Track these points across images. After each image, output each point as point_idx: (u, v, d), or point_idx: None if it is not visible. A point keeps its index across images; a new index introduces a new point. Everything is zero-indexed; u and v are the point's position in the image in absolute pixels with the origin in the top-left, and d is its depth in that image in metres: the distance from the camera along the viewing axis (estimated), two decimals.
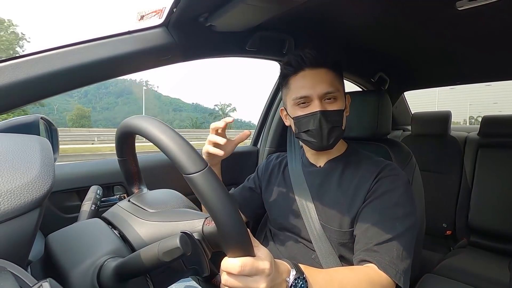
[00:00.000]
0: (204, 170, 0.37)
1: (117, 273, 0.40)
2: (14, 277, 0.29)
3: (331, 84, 0.76)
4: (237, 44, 0.96)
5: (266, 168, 0.98)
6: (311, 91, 0.75)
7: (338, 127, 0.77)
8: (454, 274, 1.20)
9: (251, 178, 1.03)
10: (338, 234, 0.75)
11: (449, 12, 0.87)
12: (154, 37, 0.78)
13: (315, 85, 0.75)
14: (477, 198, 1.63)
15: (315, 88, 0.75)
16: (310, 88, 0.75)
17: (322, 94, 0.75)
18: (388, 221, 0.68)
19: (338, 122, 0.77)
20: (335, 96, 0.76)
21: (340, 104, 0.77)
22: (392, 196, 0.71)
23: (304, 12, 0.91)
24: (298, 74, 0.78)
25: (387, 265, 0.62)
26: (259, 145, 1.49)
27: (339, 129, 0.78)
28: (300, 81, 0.77)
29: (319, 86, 0.75)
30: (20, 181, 0.36)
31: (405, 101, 2.26)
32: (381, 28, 1.05)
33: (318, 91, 0.75)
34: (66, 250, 0.45)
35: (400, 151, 1.01)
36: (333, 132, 0.76)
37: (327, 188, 0.81)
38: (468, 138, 1.79)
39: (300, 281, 0.48)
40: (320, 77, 0.76)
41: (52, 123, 0.74)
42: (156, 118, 0.43)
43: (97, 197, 0.60)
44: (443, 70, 1.60)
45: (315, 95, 0.75)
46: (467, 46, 1.17)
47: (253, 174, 1.04)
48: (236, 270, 0.40)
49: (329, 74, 0.77)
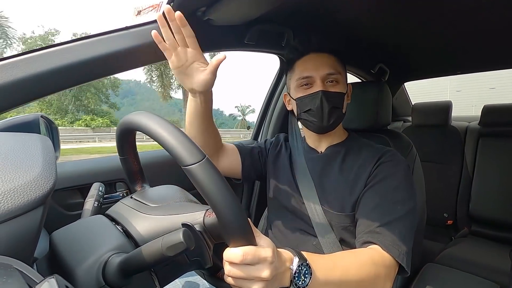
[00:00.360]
0: (202, 161, 0.37)
1: (121, 269, 0.41)
2: (21, 274, 0.30)
3: (333, 67, 0.80)
4: (236, 38, 0.95)
5: (275, 146, 0.98)
6: (314, 73, 0.79)
7: (339, 108, 0.80)
8: (456, 263, 1.21)
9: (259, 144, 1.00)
10: (340, 218, 0.76)
11: (449, 2, 0.86)
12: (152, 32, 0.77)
13: (318, 67, 0.79)
14: (478, 188, 1.64)
15: (318, 69, 0.79)
16: (313, 70, 0.79)
17: (324, 75, 0.79)
18: (390, 204, 0.69)
19: (339, 104, 0.80)
20: (337, 78, 0.80)
21: (341, 87, 0.81)
22: (393, 180, 0.73)
23: (303, 4, 0.90)
24: (302, 58, 0.82)
25: (390, 245, 0.63)
26: (260, 139, 1.49)
27: (339, 111, 0.80)
28: (304, 63, 0.81)
29: (321, 68, 0.79)
30: (23, 179, 0.36)
31: (406, 92, 2.25)
32: (380, 19, 1.04)
33: (321, 73, 0.79)
34: (70, 247, 0.45)
35: (400, 141, 1.02)
36: (333, 112, 0.79)
37: (329, 173, 0.82)
38: (468, 127, 1.78)
39: (304, 267, 0.49)
40: (323, 60, 0.80)
41: (53, 121, 0.74)
42: (153, 113, 0.43)
43: (100, 194, 0.60)
44: (443, 61, 1.59)
45: (317, 76, 0.79)
46: (468, 35, 1.16)
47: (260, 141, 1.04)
48: (238, 259, 0.41)
49: (331, 58, 0.81)
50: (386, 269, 0.62)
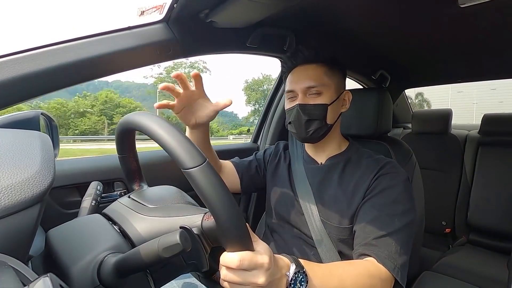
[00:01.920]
0: (203, 165, 0.37)
1: (117, 269, 0.40)
2: (15, 271, 0.29)
3: (317, 79, 0.79)
4: (238, 41, 0.96)
5: (274, 156, 0.98)
6: (295, 86, 0.81)
7: (318, 120, 0.80)
8: (453, 272, 1.20)
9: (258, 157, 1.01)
10: (338, 230, 0.76)
11: (451, 9, 0.86)
12: (154, 32, 0.77)
13: (299, 80, 0.81)
14: (476, 196, 1.63)
15: (298, 83, 0.80)
16: (295, 83, 0.81)
17: (304, 88, 0.80)
18: (387, 216, 0.69)
19: (316, 116, 0.79)
20: (319, 90, 0.79)
21: (324, 99, 0.80)
22: (392, 193, 0.72)
23: (306, 9, 0.91)
24: (292, 71, 0.84)
25: (386, 258, 0.63)
26: (259, 142, 1.49)
27: (319, 122, 0.80)
28: (291, 76, 0.84)
29: (302, 82, 0.80)
30: (21, 176, 0.36)
31: (406, 98, 2.26)
32: (382, 25, 1.04)
33: (301, 85, 0.80)
34: (66, 245, 0.45)
35: (400, 149, 1.01)
36: (311, 124, 0.80)
37: (328, 185, 0.81)
38: (468, 136, 1.78)
39: (300, 275, 0.48)
40: (306, 73, 0.81)
41: (53, 119, 0.74)
42: (155, 114, 0.43)
43: (98, 193, 0.60)
44: (444, 68, 1.59)
45: (298, 89, 0.80)
46: (468, 44, 1.17)
47: (259, 152, 1.03)
48: (235, 264, 0.40)
49: (318, 69, 0.80)
50: (382, 282, 0.61)
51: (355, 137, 0.99)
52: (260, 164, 0.98)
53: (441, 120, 1.82)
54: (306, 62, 0.82)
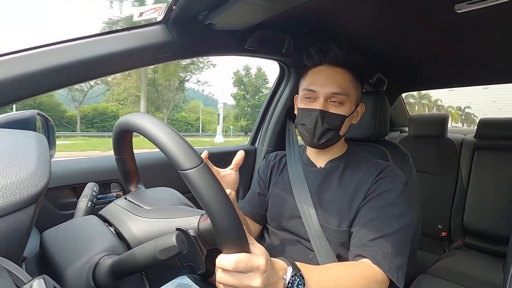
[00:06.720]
0: (199, 167, 0.37)
1: (112, 271, 0.40)
2: (9, 273, 0.29)
3: (342, 86, 0.76)
4: (236, 43, 0.96)
5: (266, 168, 0.98)
6: (320, 88, 0.77)
7: (334, 130, 0.78)
8: (449, 275, 1.20)
9: (255, 182, 0.99)
10: (337, 233, 0.75)
11: (447, 15, 0.87)
12: (153, 34, 0.77)
13: (326, 83, 0.76)
14: (472, 200, 1.64)
15: (324, 85, 0.76)
16: (319, 85, 0.77)
17: (328, 93, 0.76)
18: (384, 218, 0.69)
19: (334, 126, 0.77)
20: (342, 100, 0.77)
21: (345, 110, 0.77)
22: (390, 196, 0.72)
23: (304, 12, 0.91)
24: (316, 68, 0.79)
25: (381, 259, 0.63)
26: (257, 144, 1.49)
27: (333, 133, 0.78)
28: (314, 74, 0.79)
29: (328, 85, 0.76)
30: (16, 177, 0.35)
31: (403, 102, 2.27)
32: (379, 29, 1.05)
33: (326, 90, 0.76)
34: (61, 247, 0.45)
35: (397, 152, 1.02)
36: (326, 134, 0.78)
37: (327, 187, 0.81)
38: (464, 140, 1.80)
39: (297, 278, 0.48)
40: (334, 76, 0.77)
41: (49, 119, 0.74)
42: (152, 115, 0.43)
43: (94, 194, 0.59)
44: (441, 73, 1.61)
45: (322, 93, 0.76)
46: (465, 48, 1.18)
47: (254, 178, 1.02)
48: (231, 266, 0.40)
49: (346, 76, 0.77)
50: (377, 283, 0.61)
51: (353, 140, 0.99)
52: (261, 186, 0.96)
53: (437, 124, 1.83)
54: (335, 63, 0.77)
